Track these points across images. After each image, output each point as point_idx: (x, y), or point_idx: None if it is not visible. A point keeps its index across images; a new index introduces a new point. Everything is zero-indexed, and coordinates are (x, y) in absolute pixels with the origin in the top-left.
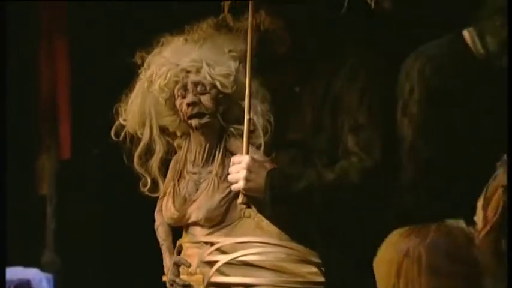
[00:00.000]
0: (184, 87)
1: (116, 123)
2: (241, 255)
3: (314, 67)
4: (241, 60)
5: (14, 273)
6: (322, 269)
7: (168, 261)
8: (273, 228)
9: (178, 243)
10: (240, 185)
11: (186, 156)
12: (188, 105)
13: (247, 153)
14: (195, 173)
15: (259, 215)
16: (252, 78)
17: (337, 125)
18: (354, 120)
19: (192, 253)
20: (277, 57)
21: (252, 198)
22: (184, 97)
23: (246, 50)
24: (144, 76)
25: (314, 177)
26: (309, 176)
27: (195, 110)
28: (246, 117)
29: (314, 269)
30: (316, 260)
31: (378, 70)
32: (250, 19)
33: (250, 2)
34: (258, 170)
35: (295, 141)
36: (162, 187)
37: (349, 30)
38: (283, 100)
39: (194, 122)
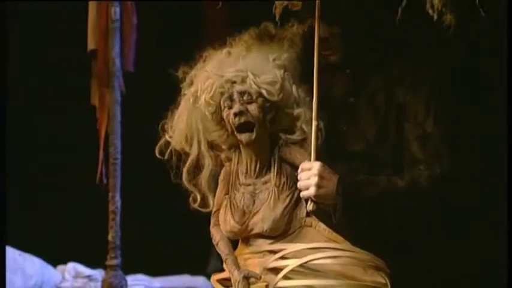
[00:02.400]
0: (231, 98)
1: (161, 141)
2: (312, 260)
3: (371, 76)
4: (286, 68)
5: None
6: (389, 278)
7: (236, 275)
8: (334, 236)
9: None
10: (310, 191)
11: (237, 168)
12: (235, 114)
13: (316, 159)
14: (249, 185)
15: (320, 223)
16: (299, 85)
17: (402, 134)
18: (421, 129)
19: (252, 263)
20: (330, 66)
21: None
22: (230, 108)
23: (290, 58)
24: (188, 92)
25: (385, 184)
26: (381, 183)
27: (243, 119)
28: (314, 123)
29: (382, 278)
30: (386, 269)
31: (441, 78)
32: (317, 19)
33: (316, 2)
34: (329, 176)
35: (356, 152)
36: (211, 202)
37: (407, 39)
38: (339, 111)
39: (244, 138)
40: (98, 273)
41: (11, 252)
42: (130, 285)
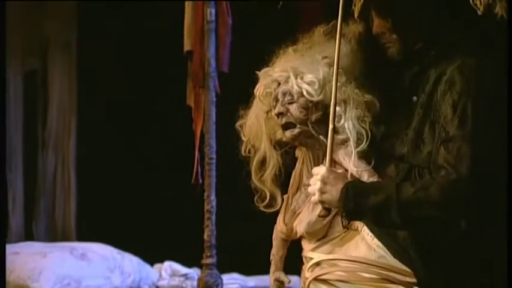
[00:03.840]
0: (276, 98)
1: (243, 140)
2: (325, 273)
3: (424, 74)
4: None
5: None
6: None
7: (271, 276)
8: (374, 242)
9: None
10: (315, 197)
11: (302, 168)
12: (277, 115)
13: (330, 164)
14: (309, 185)
15: (365, 227)
16: (347, 85)
17: (435, 138)
18: (445, 133)
19: (304, 267)
20: (387, 62)
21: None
22: (275, 108)
23: (343, 55)
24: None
25: (392, 191)
26: (387, 190)
27: (284, 120)
28: (330, 126)
29: None
30: (410, 280)
31: (477, 77)
32: (339, 20)
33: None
34: (334, 182)
35: (403, 155)
36: (279, 200)
37: (457, 35)
38: (394, 109)
39: (287, 133)
40: (194, 272)
41: (110, 251)
42: (226, 284)
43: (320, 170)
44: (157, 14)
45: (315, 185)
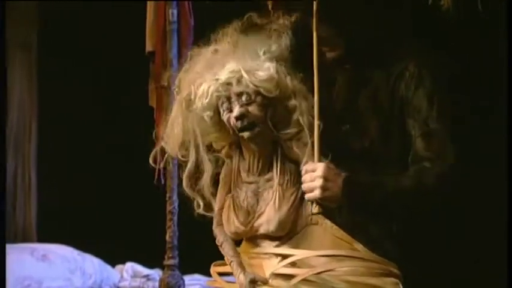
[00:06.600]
0: (228, 100)
1: (156, 148)
2: (322, 271)
3: (371, 72)
4: (278, 60)
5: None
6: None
7: (242, 279)
8: (341, 234)
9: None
10: (315, 194)
11: (238, 166)
12: (237, 118)
13: (320, 160)
14: (251, 183)
15: (326, 221)
16: (293, 75)
17: (406, 130)
18: (425, 125)
19: (257, 264)
20: (329, 62)
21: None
22: (230, 110)
23: (280, 49)
24: (180, 95)
25: (392, 184)
26: (386, 184)
27: (245, 122)
28: (316, 122)
29: (395, 284)
30: (395, 271)
31: (445, 71)
32: (315, 15)
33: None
34: (334, 178)
35: (359, 150)
36: (214, 203)
37: (408, 31)
38: (340, 108)
39: (246, 134)
40: (156, 273)
41: (70, 252)
42: (187, 285)
43: (318, 167)
44: (119, 15)
45: (313, 182)
